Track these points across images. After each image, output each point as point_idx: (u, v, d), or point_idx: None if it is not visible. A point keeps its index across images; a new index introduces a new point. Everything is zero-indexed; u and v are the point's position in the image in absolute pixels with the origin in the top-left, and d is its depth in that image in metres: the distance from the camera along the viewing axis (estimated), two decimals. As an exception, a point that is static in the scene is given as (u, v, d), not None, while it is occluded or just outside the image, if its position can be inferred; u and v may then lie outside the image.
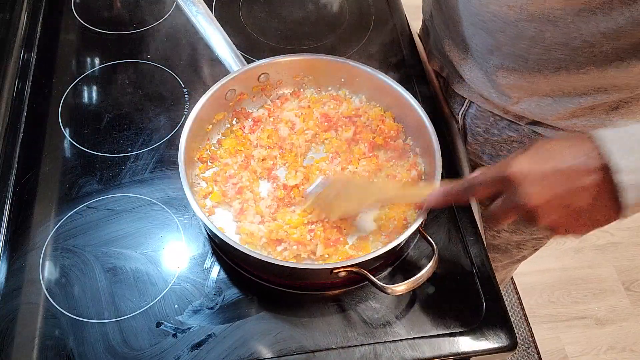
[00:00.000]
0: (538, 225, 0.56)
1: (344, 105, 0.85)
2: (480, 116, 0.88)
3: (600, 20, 0.63)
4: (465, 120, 0.91)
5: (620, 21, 0.63)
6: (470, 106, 0.89)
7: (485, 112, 0.87)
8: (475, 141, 0.92)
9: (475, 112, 0.88)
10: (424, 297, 0.72)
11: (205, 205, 0.76)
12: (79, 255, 0.74)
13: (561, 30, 0.67)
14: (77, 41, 0.97)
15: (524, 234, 1.02)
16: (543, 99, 0.78)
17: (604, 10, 0.62)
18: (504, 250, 1.12)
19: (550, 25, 0.67)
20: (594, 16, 0.63)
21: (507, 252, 1.12)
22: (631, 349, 1.70)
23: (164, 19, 1.01)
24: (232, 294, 0.72)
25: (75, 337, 0.68)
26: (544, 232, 1.01)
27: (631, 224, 1.94)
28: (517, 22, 0.69)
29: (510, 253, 1.12)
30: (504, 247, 1.11)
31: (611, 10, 0.62)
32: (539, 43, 0.70)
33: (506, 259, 1.16)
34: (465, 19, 0.77)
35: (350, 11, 1.05)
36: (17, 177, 0.81)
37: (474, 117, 0.89)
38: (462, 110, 0.91)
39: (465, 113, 0.90)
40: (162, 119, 0.88)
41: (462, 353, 0.68)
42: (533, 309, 1.75)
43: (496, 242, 1.09)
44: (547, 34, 0.68)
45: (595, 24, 0.64)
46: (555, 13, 0.65)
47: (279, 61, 0.83)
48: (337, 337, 0.69)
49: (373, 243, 0.74)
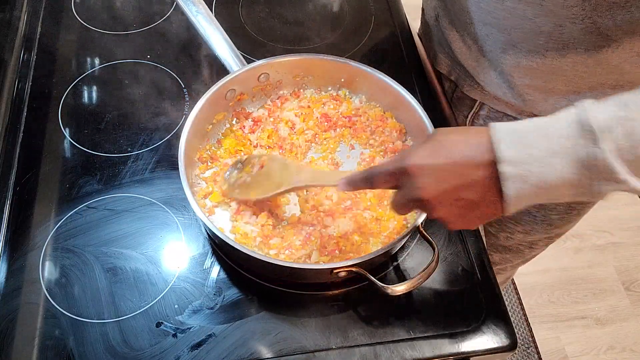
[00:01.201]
0: (431, 217, 0.57)
1: (343, 105, 0.85)
2: (493, 117, 0.87)
3: (617, 14, 0.63)
4: (473, 123, 0.90)
5: (636, 14, 0.62)
6: (481, 108, 0.88)
7: (498, 113, 0.85)
8: None
9: (487, 114, 0.87)
10: (424, 297, 0.72)
11: (205, 205, 0.76)
12: (79, 255, 0.74)
13: (578, 26, 0.66)
14: (77, 41, 0.97)
15: (538, 234, 1.01)
16: (559, 100, 0.77)
17: (621, 3, 0.62)
18: (515, 251, 1.11)
19: (568, 20, 0.66)
20: (611, 10, 0.63)
21: (519, 253, 1.12)
22: (631, 349, 1.70)
23: (164, 19, 1.01)
24: (232, 294, 0.72)
25: (75, 337, 0.68)
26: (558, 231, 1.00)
27: (631, 223, 1.94)
28: (535, 17, 0.68)
29: (523, 253, 1.12)
30: (515, 248, 1.10)
31: (629, 4, 0.61)
32: (556, 38, 0.69)
33: (518, 259, 1.15)
34: (477, 19, 0.76)
35: (350, 11, 1.05)
36: (17, 177, 0.81)
37: (486, 118, 0.88)
38: (471, 113, 0.90)
39: (475, 115, 0.89)
40: (162, 119, 0.88)
41: (462, 353, 0.69)
42: (533, 309, 1.75)
43: (509, 244, 1.08)
44: (565, 29, 0.67)
45: (611, 17, 0.63)
46: (573, 10, 0.64)
47: (279, 61, 0.83)
48: (337, 337, 0.69)
49: (373, 243, 0.74)
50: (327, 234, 0.72)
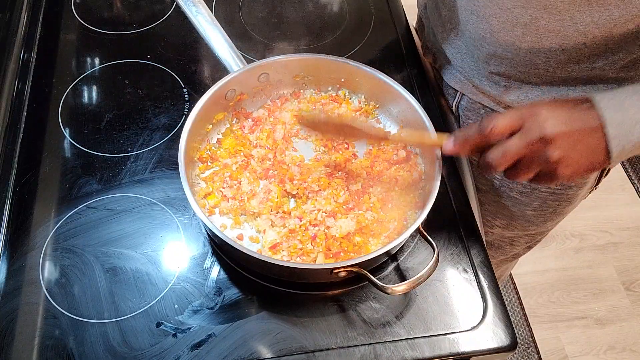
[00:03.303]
0: (547, 156, 0.60)
1: (343, 106, 0.85)
2: (471, 108, 0.89)
3: (595, 11, 0.64)
4: (459, 113, 0.92)
5: (615, 13, 0.64)
6: (462, 98, 0.90)
7: (475, 104, 0.88)
8: None
9: (466, 104, 0.89)
10: (424, 297, 0.72)
11: (205, 205, 0.76)
12: (79, 255, 0.74)
13: (555, 18, 0.67)
14: (77, 41, 0.97)
15: (516, 230, 1.03)
16: (532, 90, 0.79)
17: (599, 1, 0.63)
18: (497, 247, 1.13)
19: (545, 12, 0.67)
20: (589, 6, 0.64)
21: (500, 249, 1.13)
22: (631, 349, 1.70)
23: (164, 19, 1.01)
24: (232, 294, 0.72)
25: (75, 337, 0.68)
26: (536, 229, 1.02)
27: (631, 223, 1.94)
28: (513, 8, 0.70)
29: (504, 250, 1.13)
30: (497, 244, 1.11)
31: (607, 2, 0.63)
32: (532, 30, 0.70)
33: (499, 255, 1.17)
34: (460, 4, 0.78)
35: (350, 11, 1.05)
36: (17, 177, 0.81)
37: (465, 110, 0.90)
38: (454, 102, 0.92)
39: (458, 105, 0.92)
40: (162, 119, 0.88)
41: (462, 353, 0.69)
42: (533, 309, 1.75)
43: (489, 239, 1.10)
44: (541, 21, 0.69)
45: (589, 13, 0.65)
46: (551, 0, 0.66)
47: (279, 61, 0.83)
48: (337, 337, 0.69)
49: (373, 244, 0.74)
50: (331, 234, 0.72)
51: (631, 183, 2.05)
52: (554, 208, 0.95)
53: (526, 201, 0.94)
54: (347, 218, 0.73)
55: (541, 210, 0.95)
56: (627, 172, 2.06)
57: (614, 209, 1.96)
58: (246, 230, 0.75)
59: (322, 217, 0.74)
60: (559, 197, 0.92)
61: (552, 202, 0.93)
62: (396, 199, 0.77)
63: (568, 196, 0.92)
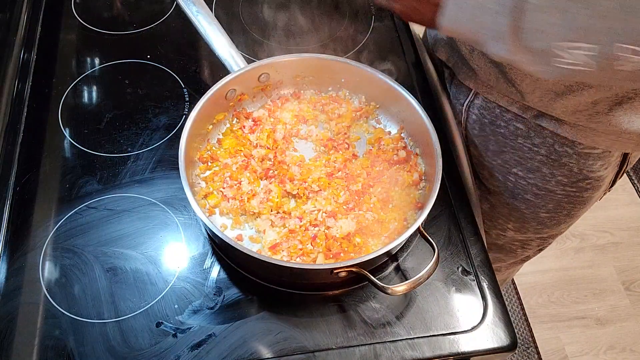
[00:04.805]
0: None
1: (343, 106, 0.85)
2: (486, 107, 0.88)
3: None
4: (469, 112, 0.91)
5: None
6: (476, 97, 0.89)
7: (491, 103, 0.87)
8: (481, 133, 0.91)
9: (481, 103, 0.89)
10: (424, 297, 0.72)
11: (206, 205, 0.76)
12: (79, 255, 0.74)
13: None
14: (77, 41, 0.97)
15: (529, 233, 1.02)
16: (546, 94, 0.78)
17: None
18: (508, 250, 1.12)
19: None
20: None
21: (512, 252, 1.12)
22: (631, 349, 1.70)
23: (164, 19, 1.01)
24: (232, 294, 0.72)
25: (75, 337, 0.68)
26: (549, 232, 1.01)
27: (631, 224, 1.95)
28: None
29: (515, 253, 1.12)
30: (508, 247, 1.10)
31: None
32: None
33: (510, 259, 1.15)
34: None
35: (350, 11, 1.05)
36: (17, 177, 0.81)
37: (480, 108, 0.89)
38: (467, 101, 0.91)
39: (470, 104, 0.91)
40: (162, 119, 0.88)
41: (462, 353, 0.69)
42: (533, 309, 1.75)
43: (500, 242, 1.09)
44: None
45: None
46: None
47: (279, 61, 0.83)
48: (337, 337, 0.69)
49: (373, 244, 0.74)
50: (331, 235, 0.72)
51: (631, 183, 2.05)
52: (568, 210, 0.94)
53: (540, 203, 0.93)
54: (347, 218, 0.73)
55: (555, 212, 0.94)
56: (627, 172, 2.06)
57: (614, 209, 1.97)
58: (246, 230, 0.75)
59: (322, 217, 0.74)
60: (574, 199, 0.91)
61: (566, 205, 0.92)
62: (396, 199, 0.77)
63: (583, 198, 0.91)
